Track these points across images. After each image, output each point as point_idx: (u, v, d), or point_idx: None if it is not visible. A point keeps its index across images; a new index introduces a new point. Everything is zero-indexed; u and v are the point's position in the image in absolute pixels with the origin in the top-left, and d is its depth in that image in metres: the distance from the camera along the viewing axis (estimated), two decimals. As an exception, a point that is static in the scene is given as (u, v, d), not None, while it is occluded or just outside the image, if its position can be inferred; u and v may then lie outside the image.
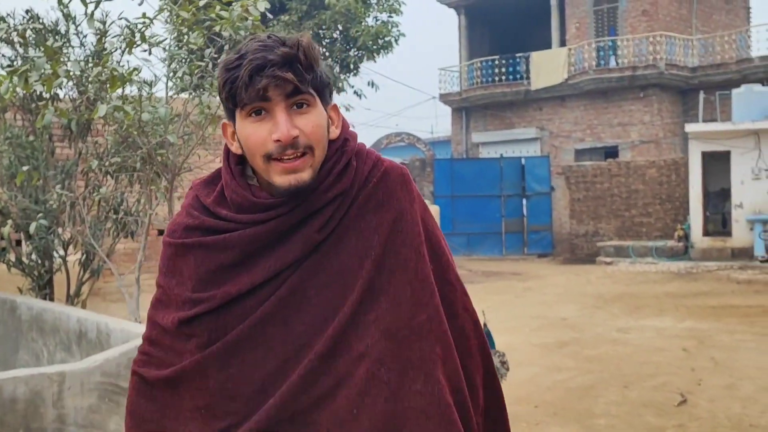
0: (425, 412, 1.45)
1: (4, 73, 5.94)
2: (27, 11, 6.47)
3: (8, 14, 6.25)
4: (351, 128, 1.60)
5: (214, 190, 1.57)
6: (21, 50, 6.34)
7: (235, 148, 1.53)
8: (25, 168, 5.34)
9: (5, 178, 6.30)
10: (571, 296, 13.66)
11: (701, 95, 21.88)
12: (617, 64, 25.22)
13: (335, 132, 1.54)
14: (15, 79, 4.84)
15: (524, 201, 23.79)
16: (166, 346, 1.56)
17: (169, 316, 1.54)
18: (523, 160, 24.14)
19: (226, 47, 5.49)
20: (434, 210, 20.36)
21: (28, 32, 6.29)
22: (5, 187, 6.31)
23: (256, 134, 1.43)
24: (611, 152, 25.11)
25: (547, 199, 23.98)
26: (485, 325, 6.64)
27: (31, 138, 6.44)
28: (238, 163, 1.55)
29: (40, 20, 6.26)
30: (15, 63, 6.35)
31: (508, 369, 6.41)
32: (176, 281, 1.55)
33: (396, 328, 1.46)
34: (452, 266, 1.61)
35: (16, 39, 6.26)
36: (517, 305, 12.55)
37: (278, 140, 1.41)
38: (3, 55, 6.49)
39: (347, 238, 1.50)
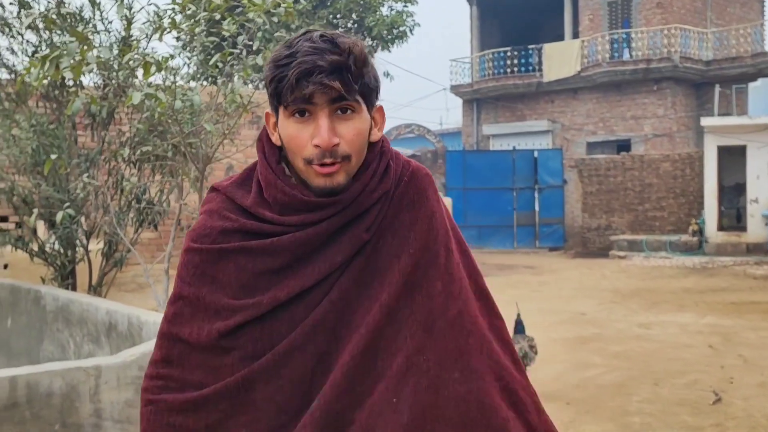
0: (465, 400, 1.43)
1: (30, 59, 5.84)
2: (52, -4, 6.37)
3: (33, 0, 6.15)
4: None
5: (248, 191, 1.52)
6: (46, 36, 6.23)
7: (275, 139, 1.51)
8: (53, 156, 5.23)
9: (29, 167, 6.20)
10: (587, 291, 13.55)
11: (717, 89, 21.71)
12: (631, 56, 25.04)
13: (377, 135, 1.53)
14: (46, 65, 4.73)
15: (536, 194, 23.62)
16: (194, 364, 1.46)
17: (204, 328, 1.44)
18: (535, 153, 23.96)
19: (258, 34, 5.39)
20: (446, 202, 20.22)
21: (53, 16, 6.17)
22: (29, 175, 6.21)
23: (299, 136, 1.42)
24: (624, 145, 24.94)
25: (560, 192, 23.80)
26: (518, 314, 6.88)
27: (53, 126, 6.34)
28: (278, 161, 1.51)
29: (66, 6, 6.15)
30: (39, 49, 6.24)
31: (536, 353, 6.53)
32: (209, 289, 1.46)
33: (431, 321, 1.46)
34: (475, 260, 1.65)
35: (41, 25, 6.15)
36: (533, 299, 12.42)
37: (317, 146, 1.41)
38: (27, 41, 6.38)
39: (385, 237, 1.49)
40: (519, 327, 6.71)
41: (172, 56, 4.95)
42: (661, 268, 17.32)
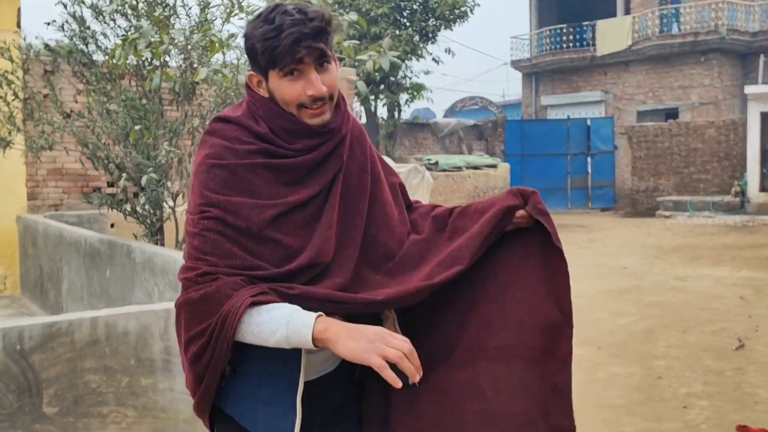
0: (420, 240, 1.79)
1: (117, 43, 5.96)
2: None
3: (121, -12, 6.24)
4: None
5: (257, 122, 1.68)
6: (134, 21, 6.33)
7: (263, 92, 1.68)
8: (137, 127, 5.35)
9: (121, 137, 6.35)
10: (632, 247, 13.24)
11: (761, 59, 20.74)
12: (679, 30, 24.10)
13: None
14: (126, 47, 4.82)
15: (589, 159, 23.13)
16: (231, 252, 1.56)
17: (244, 221, 1.58)
18: (588, 121, 23.44)
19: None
20: (504, 168, 19.99)
21: (140, 4, 6.27)
22: (121, 144, 6.37)
23: (292, 90, 1.61)
24: (672, 114, 24.15)
25: (611, 157, 23.26)
26: None
27: (144, 101, 6.46)
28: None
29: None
30: (129, 33, 6.36)
31: None
32: (242, 196, 1.60)
33: (389, 220, 1.77)
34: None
35: (129, 12, 6.25)
36: (581, 255, 12.22)
37: (312, 95, 1.60)
38: (119, 26, 6.50)
39: (351, 160, 1.74)
40: None
41: (234, 36, 4.97)
42: (703, 226, 16.78)
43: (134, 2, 5.67)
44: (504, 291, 1.75)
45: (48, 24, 6.32)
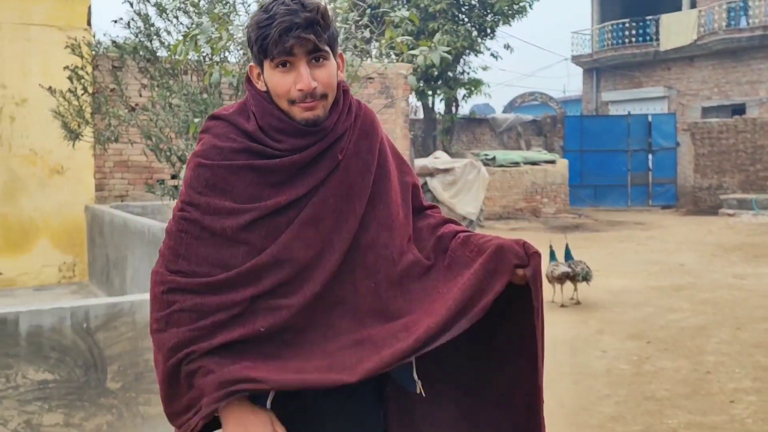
0: (419, 263, 1.71)
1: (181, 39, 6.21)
2: (199, -17, 6.69)
3: (184, -14, 6.48)
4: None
5: (247, 120, 1.66)
6: (195, 18, 6.58)
7: (260, 86, 1.66)
8: (197, 120, 5.57)
9: (182, 130, 6.60)
10: (692, 245, 13.04)
11: (833, 53, 20.05)
12: (748, 24, 23.45)
13: (341, 76, 1.70)
14: (187, 42, 5.04)
15: (650, 156, 22.74)
16: (201, 258, 1.58)
17: (219, 224, 1.58)
18: (649, 117, 23.03)
19: (368, 11, 5.50)
20: (563, 164, 19.83)
21: (201, 2, 6.51)
22: (182, 137, 6.62)
23: (283, 82, 1.58)
24: (739, 109, 23.52)
25: (673, 154, 22.82)
26: (567, 246, 8.19)
27: (204, 95, 6.71)
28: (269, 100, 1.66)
29: (211, -9, 6.45)
30: (190, 30, 6.60)
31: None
32: (221, 197, 1.60)
33: (390, 222, 1.70)
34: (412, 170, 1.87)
35: (191, 9, 6.49)
36: (638, 252, 12.11)
37: (301, 89, 1.57)
38: (181, 23, 6.76)
39: (353, 159, 1.69)
40: (568, 256, 8.08)
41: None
42: (768, 225, 16.38)
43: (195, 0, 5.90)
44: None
45: (115, 22, 6.61)
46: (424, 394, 1.70)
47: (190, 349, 1.53)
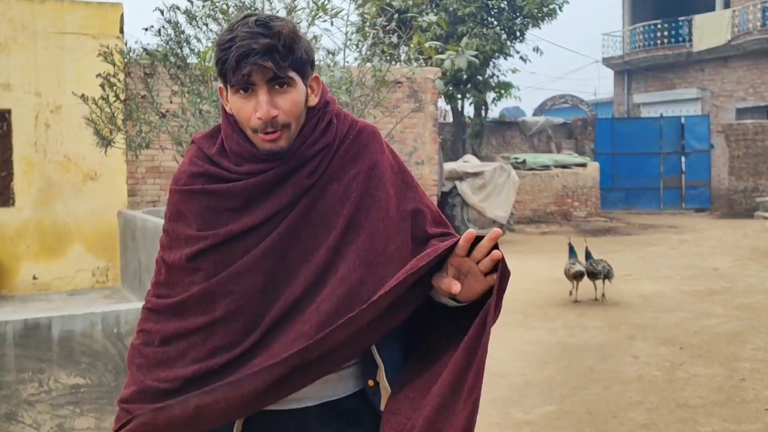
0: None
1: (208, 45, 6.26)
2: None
3: (212, -6, 6.53)
4: (329, 94, 1.65)
5: (215, 143, 1.60)
6: (225, 25, 6.62)
7: (229, 109, 1.57)
8: (226, 126, 5.62)
9: (212, 135, 6.65)
10: (726, 249, 12.83)
11: None
12: (783, 23, 23.07)
13: (314, 100, 1.59)
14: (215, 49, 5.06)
15: (683, 158, 22.42)
16: (174, 282, 1.59)
17: (177, 254, 1.58)
18: (682, 119, 22.72)
19: (396, 16, 5.50)
20: (594, 167, 19.65)
21: (231, 9, 6.55)
22: (212, 142, 6.67)
23: (244, 109, 1.50)
24: (774, 111, 23.14)
25: (707, 156, 22.47)
26: (587, 248, 8.36)
27: (234, 101, 6.76)
28: (236, 121, 1.59)
29: (240, -2, 6.49)
30: (220, 36, 6.65)
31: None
32: (182, 224, 1.59)
33: (373, 256, 1.54)
34: (424, 194, 1.69)
35: (220, 16, 6.54)
36: (671, 256, 11.94)
37: (260, 118, 1.48)
38: (211, 30, 6.81)
39: (330, 185, 1.57)
40: (587, 254, 8.29)
41: (316, 37, 5.16)
42: (805, 229, 16.05)
43: (225, 7, 5.95)
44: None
45: (146, 29, 6.69)
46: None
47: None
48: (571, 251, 8.35)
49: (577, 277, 8.03)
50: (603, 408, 4.66)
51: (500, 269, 1.45)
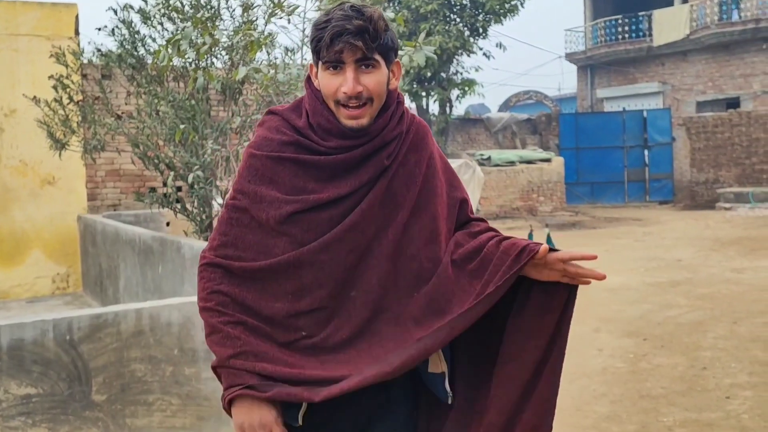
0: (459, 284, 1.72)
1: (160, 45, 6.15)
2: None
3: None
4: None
5: (300, 116, 1.73)
6: (180, 24, 6.51)
7: (316, 84, 1.71)
8: (182, 126, 5.52)
9: (170, 137, 6.54)
10: (689, 240, 12.97)
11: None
12: (740, 17, 23.43)
13: (394, 83, 1.75)
14: (170, 48, 4.98)
15: (646, 152, 22.69)
16: (248, 244, 1.67)
17: (263, 215, 1.66)
18: (644, 113, 23.01)
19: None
20: (558, 161, 19.79)
21: (186, 8, 6.43)
22: (170, 144, 6.56)
23: (331, 84, 1.64)
24: (733, 103, 23.50)
25: (669, 149, 22.77)
26: (549, 234, 8.91)
27: (192, 102, 6.64)
28: (323, 100, 1.71)
29: (195, -4, 6.38)
30: (174, 35, 6.54)
31: None
32: (269, 187, 1.68)
33: (435, 235, 1.74)
34: (463, 186, 1.90)
35: (175, 15, 6.42)
36: (635, 248, 12.05)
37: (345, 92, 1.62)
38: (166, 30, 6.69)
39: (401, 168, 1.73)
40: (548, 242, 8.58)
41: (271, 35, 5.08)
42: (766, 218, 16.30)
43: (179, 5, 5.84)
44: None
45: (99, 29, 6.55)
46: (455, 405, 1.76)
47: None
48: (530, 237, 8.90)
49: None
50: (567, 402, 4.66)
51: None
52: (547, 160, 19.44)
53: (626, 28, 26.48)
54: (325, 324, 1.65)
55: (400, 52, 5.32)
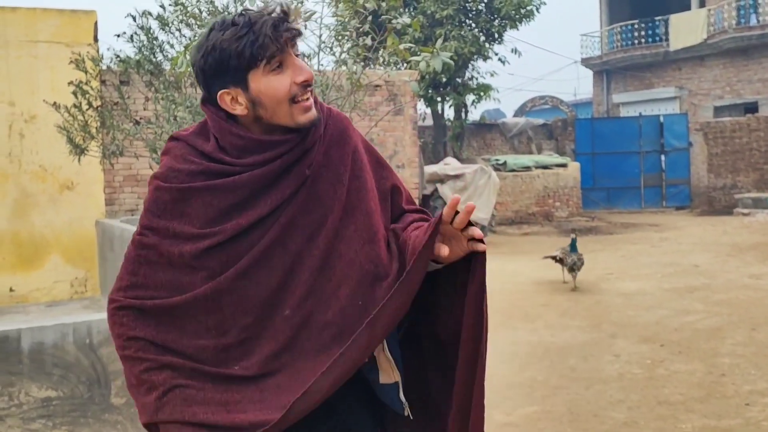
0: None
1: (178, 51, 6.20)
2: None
3: (186, -1, 6.47)
4: None
5: (208, 140, 1.57)
6: (197, 30, 6.56)
7: (240, 111, 1.53)
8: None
9: (188, 142, 6.58)
10: (706, 245, 12.88)
11: None
12: (758, 21, 23.27)
13: None
14: (188, 54, 5.02)
15: (662, 157, 22.55)
16: (160, 283, 1.54)
17: (175, 252, 1.52)
18: (661, 118, 22.87)
19: (369, 19, 5.46)
20: (574, 167, 19.70)
21: (204, 14, 6.49)
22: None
23: (281, 83, 1.48)
24: (751, 108, 23.31)
25: (686, 154, 22.64)
26: (573, 237, 9.25)
27: (210, 107, 6.69)
28: (227, 119, 1.56)
29: (213, 2, 6.44)
30: (192, 41, 6.59)
31: (582, 263, 8.96)
32: (179, 222, 1.54)
33: (371, 234, 1.59)
34: (394, 172, 1.75)
35: (192, 21, 6.48)
36: (652, 254, 11.98)
37: (305, 80, 1.49)
38: (183, 36, 6.74)
39: (321, 170, 1.58)
40: (573, 246, 9.10)
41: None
42: (784, 224, 16.17)
43: (197, 11, 5.89)
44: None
45: (118, 36, 6.62)
46: (411, 417, 1.65)
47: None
48: (573, 243, 9.17)
49: (557, 262, 9.20)
50: (584, 407, 4.64)
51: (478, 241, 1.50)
52: (563, 166, 19.37)
53: (643, 32, 26.36)
54: (260, 351, 1.51)
55: (416, 58, 5.35)
